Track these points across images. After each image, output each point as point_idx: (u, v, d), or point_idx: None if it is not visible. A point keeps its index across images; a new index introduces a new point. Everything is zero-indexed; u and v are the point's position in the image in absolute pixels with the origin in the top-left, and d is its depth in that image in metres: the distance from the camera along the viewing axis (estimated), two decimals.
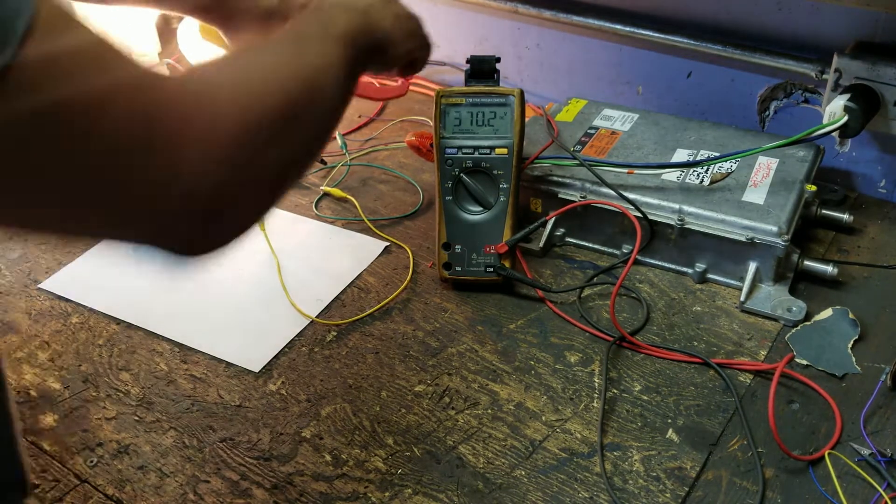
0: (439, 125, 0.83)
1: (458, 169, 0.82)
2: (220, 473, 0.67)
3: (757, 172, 0.86)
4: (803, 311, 0.79)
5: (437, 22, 1.21)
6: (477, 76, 0.85)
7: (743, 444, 0.67)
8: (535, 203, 0.91)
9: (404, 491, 0.65)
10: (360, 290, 0.86)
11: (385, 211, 0.98)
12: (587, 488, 0.65)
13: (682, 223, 0.82)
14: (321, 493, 0.65)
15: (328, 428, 0.71)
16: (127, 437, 0.71)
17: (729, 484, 0.64)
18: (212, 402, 0.74)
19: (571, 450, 0.68)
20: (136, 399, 0.74)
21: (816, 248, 0.88)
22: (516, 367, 0.76)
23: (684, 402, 0.71)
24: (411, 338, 0.80)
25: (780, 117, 1.00)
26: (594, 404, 0.72)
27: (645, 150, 0.92)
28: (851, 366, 0.74)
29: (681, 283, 0.85)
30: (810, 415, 0.70)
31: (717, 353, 0.76)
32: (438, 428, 0.70)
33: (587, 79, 1.12)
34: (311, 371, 0.76)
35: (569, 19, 1.06)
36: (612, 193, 0.84)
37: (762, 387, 0.72)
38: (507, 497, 0.64)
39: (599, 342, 0.78)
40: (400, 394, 0.74)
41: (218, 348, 0.79)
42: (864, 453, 0.65)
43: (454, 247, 0.83)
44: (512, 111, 0.82)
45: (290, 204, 0.99)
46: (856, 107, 0.82)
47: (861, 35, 0.89)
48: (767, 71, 0.97)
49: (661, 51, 1.03)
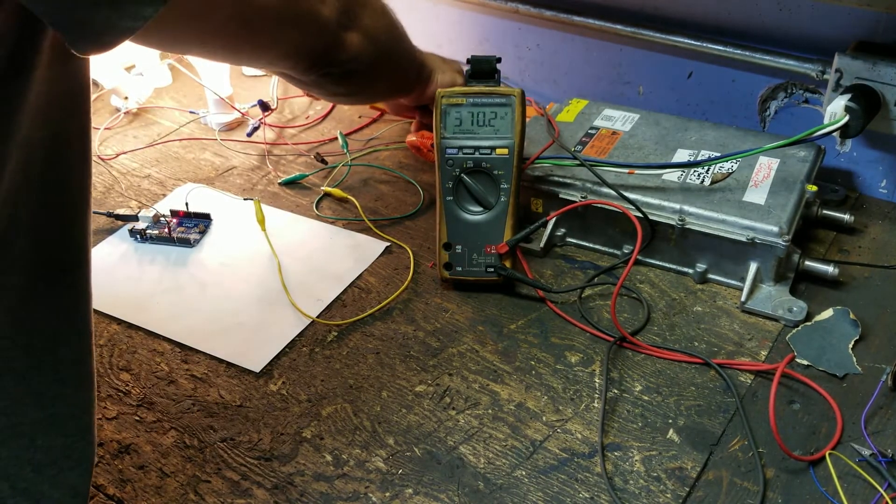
0: (440, 125, 0.83)
1: (458, 169, 0.82)
2: (220, 473, 0.67)
3: (758, 173, 0.86)
4: (804, 311, 0.79)
5: (438, 22, 1.21)
6: (478, 76, 0.85)
7: (744, 444, 0.67)
8: (535, 203, 0.91)
9: (405, 491, 0.65)
10: (360, 290, 0.86)
11: (386, 211, 0.98)
12: (588, 488, 0.65)
13: (682, 223, 0.82)
14: (322, 494, 0.65)
15: (329, 428, 0.71)
16: (128, 437, 0.71)
17: (730, 484, 0.64)
18: (212, 402, 0.74)
19: (572, 450, 0.68)
20: (136, 399, 0.75)
21: (817, 249, 0.88)
22: (517, 367, 0.76)
23: (685, 403, 0.71)
24: (412, 338, 0.80)
25: (781, 117, 1.00)
26: (595, 404, 0.72)
27: (646, 150, 0.92)
28: (852, 366, 0.73)
29: (681, 284, 0.85)
30: (811, 415, 0.70)
31: (718, 354, 0.76)
32: (439, 428, 0.70)
33: (588, 79, 1.12)
34: (311, 371, 0.76)
35: (570, 19, 1.06)
36: (612, 194, 0.84)
37: (763, 387, 0.72)
38: (508, 497, 0.64)
39: (600, 342, 0.78)
40: (400, 394, 0.74)
41: (219, 348, 0.79)
42: (865, 454, 0.65)
43: (455, 247, 0.83)
44: (513, 111, 0.82)
45: (290, 204, 1.00)
46: (857, 107, 0.82)
47: (862, 35, 0.89)
48: (768, 71, 0.97)
49: (661, 51, 1.03)
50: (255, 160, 1.09)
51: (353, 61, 0.78)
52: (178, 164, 1.09)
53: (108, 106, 1.22)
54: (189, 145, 1.13)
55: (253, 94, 1.24)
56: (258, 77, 1.31)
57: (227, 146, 1.12)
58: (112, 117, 1.19)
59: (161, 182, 1.05)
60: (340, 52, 0.76)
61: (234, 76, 1.25)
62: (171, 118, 1.20)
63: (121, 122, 1.19)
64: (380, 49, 0.82)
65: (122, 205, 1.01)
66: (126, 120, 1.19)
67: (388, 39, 0.84)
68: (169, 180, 1.05)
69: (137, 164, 1.09)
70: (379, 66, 0.83)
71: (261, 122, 1.11)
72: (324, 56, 0.76)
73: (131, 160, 1.10)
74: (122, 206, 1.00)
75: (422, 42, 1.31)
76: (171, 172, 1.07)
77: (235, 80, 1.24)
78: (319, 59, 0.76)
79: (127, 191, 1.04)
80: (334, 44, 0.75)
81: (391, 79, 0.89)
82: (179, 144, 1.13)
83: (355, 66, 0.79)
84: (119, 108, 1.20)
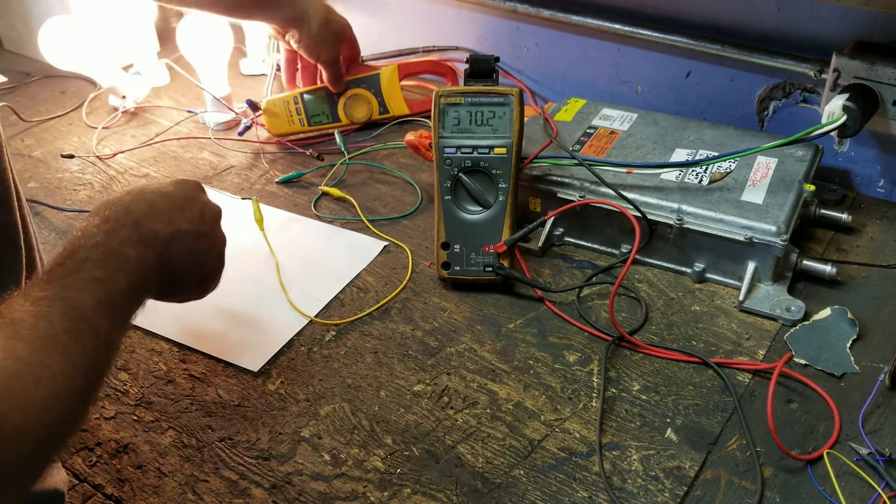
0: (438, 125, 0.83)
1: (456, 168, 0.82)
2: (218, 473, 0.67)
3: (756, 172, 0.87)
4: (802, 310, 0.79)
5: (437, 21, 1.21)
6: (476, 76, 0.85)
7: (741, 443, 0.67)
8: (534, 202, 0.91)
9: (403, 490, 0.65)
10: (358, 289, 0.86)
11: (384, 210, 0.98)
12: (586, 488, 0.65)
13: (680, 223, 0.82)
14: (320, 493, 0.65)
15: (327, 427, 0.71)
16: (126, 437, 0.71)
17: (728, 483, 0.64)
18: (211, 402, 0.74)
19: (570, 449, 0.68)
20: (134, 398, 0.74)
21: (815, 248, 0.88)
22: (515, 366, 0.76)
23: (683, 402, 0.71)
24: (410, 337, 0.80)
25: (779, 117, 1.00)
26: (593, 404, 0.72)
27: (644, 149, 0.92)
28: (850, 365, 0.74)
29: (679, 283, 0.85)
30: (809, 414, 0.70)
31: (716, 353, 0.76)
32: (437, 427, 0.70)
33: (586, 78, 1.12)
34: (309, 371, 0.76)
35: (567, 19, 1.06)
36: (611, 193, 0.84)
37: (761, 386, 0.72)
38: (506, 496, 0.64)
39: (598, 342, 0.78)
40: (399, 393, 0.74)
41: (217, 348, 0.79)
42: (863, 453, 0.65)
43: (453, 246, 0.83)
44: (511, 111, 0.82)
45: (288, 203, 0.99)
46: (854, 106, 0.82)
47: (860, 35, 0.89)
48: (766, 70, 0.97)
49: (659, 50, 1.03)
50: (251, 159, 1.09)
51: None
52: (175, 163, 1.09)
53: (106, 105, 1.22)
54: (187, 144, 1.13)
55: (250, 93, 1.24)
56: (256, 77, 1.31)
57: (224, 145, 1.12)
58: (110, 117, 1.18)
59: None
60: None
61: (233, 76, 1.25)
62: (168, 117, 1.20)
63: (118, 121, 1.19)
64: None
65: None
66: (124, 119, 1.19)
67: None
68: (167, 180, 1.05)
69: (135, 163, 1.09)
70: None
71: (252, 121, 1.11)
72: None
73: (129, 159, 1.10)
74: None
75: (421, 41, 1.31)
76: (168, 171, 1.07)
77: (234, 80, 1.24)
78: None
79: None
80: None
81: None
82: (177, 144, 1.13)
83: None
84: (117, 107, 1.20)
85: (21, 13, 1.33)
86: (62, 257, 0.54)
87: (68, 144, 1.14)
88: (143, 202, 0.61)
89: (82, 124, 1.18)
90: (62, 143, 1.15)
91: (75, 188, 1.04)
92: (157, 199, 0.62)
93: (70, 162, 1.10)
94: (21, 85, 1.30)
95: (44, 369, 0.45)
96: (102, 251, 0.55)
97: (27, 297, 0.49)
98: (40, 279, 0.52)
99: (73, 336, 0.48)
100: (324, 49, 1.05)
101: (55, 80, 1.30)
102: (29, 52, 1.35)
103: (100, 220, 0.58)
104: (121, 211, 0.59)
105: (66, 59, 1.15)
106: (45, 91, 1.28)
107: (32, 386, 0.44)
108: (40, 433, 0.44)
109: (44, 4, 1.26)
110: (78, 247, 0.55)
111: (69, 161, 1.10)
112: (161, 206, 0.61)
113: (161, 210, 0.61)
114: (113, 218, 0.58)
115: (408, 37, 1.24)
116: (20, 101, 1.25)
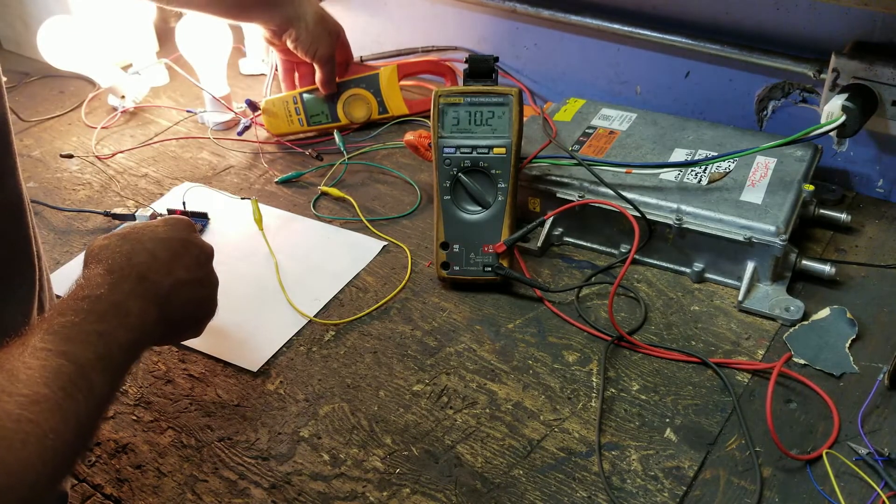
0: (437, 124, 0.83)
1: (456, 168, 0.82)
2: (218, 473, 0.67)
3: (755, 172, 0.87)
4: (801, 310, 0.79)
5: (436, 21, 1.21)
6: (475, 76, 0.85)
7: (741, 443, 0.67)
8: (533, 202, 0.91)
9: (402, 490, 0.65)
10: (358, 289, 0.86)
11: (383, 210, 0.98)
12: (585, 488, 0.65)
13: (680, 223, 0.82)
14: (319, 493, 0.65)
15: (326, 427, 0.71)
16: (125, 437, 0.71)
17: (727, 483, 0.64)
18: (210, 402, 0.74)
19: (569, 449, 0.68)
20: (134, 398, 0.74)
21: (814, 248, 0.88)
22: (514, 366, 0.76)
23: (682, 402, 0.71)
24: (409, 337, 0.80)
25: (778, 117, 1.00)
26: (592, 404, 0.72)
27: (643, 149, 0.92)
28: (849, 365, 0.74)
29: (679, 283, 0.85)
30: (808, 414, 0.70)
31: (715, 353, 0.76)
32: (436, 427, 0.70)
33: (585, 78, 1.12)
34: (309, 370, 0.76)
35: (567, 19, 1.06)
36: (610, 193, 0.84)
37: (760, 386, 0.72)
38: (505, 496, 0.64)
39: (597, 341, 0.78)
40: (398, 393, 0.74)
41: (216, 348, 0.79)
42: (862, 452, 0.65)
43: (452, 246, 0.83)
44: (510, 111, 0.82)
45: (288, 203, 0.99)
46: (853, 106, 0.83)
47: (859, 35, 0.89)
48: (765, 70, 0.97)
49: (659, 50, 1.03)
50: (251, 158, 1.09)
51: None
52: (175, 163, 1.09)
53: (105, 105, 1.22)
54: (186, 144, 1.13)
55: (250, 93, 1.24)
56: (255, 76, 1.31)
57: (224, 145, 1.12)
58: (109, 116, 1.18)
59: (158, 181, 1.05)
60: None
61: (232, 76, 1.25)
62: (168, 117, 1.19)
63: (117, 121, 1.18)
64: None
65: (118, 204, 1.01)
66: (123, 119, 1.19)
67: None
68: (166, 179, 1.05)
69: (134, 163, 1.09)
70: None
71: (252, 121, 1.11)
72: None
73: (128, 159, 1.10)
74: (119, 205, 1.00)
75: (420, 41, 1.31)
76: (168, 171, 1.07)
77: (233, 80, 1.24)
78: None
79: (123, 190, 1.03)
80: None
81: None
82: (177, 143, 1.13)
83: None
84: (116, 107, 1.20)
85: (20, 13, 1.33)
86: (64, 307, 0.53)
87: (67, 144, 1.14)
88: (144, 252, 0.61)
89: (81, 124, 1.18)
90: (61, 142, 1.15)
91: (74, 188, 1.04)
92: (157, 248, 0.62)
93: (69, 162, 1.10)
94: (20, 85, 1.30)
95: (34, 427, 0.44)
96: (106, 304, 0.55)
97: (26, 345, 0.49)
98: (41, 326, 0.51)
99: (69, 393, 0.47)
100: (321, 45, 1.05)
101: (54, 79, 1.30)
102: (28, 51, 1.35)
103: (103, 270, 0.58)
104: (124, 261, 0.59)
105: (66, 59, 1.15)
106: (45, 91, 1.28)
107: (20, 445, 0.43)
108: (24, 494, 0.43)
109: (43, 4, 1.26)
110: (81, 296, 0.55)
111: (68, 161, 1.10)
112: (161, 256, 0.62)
113: (162, 260, 0.62)
114: (116, 269, 0.58)
115: (407, 37, 1.24)
116: (19, 100, 1.25)
